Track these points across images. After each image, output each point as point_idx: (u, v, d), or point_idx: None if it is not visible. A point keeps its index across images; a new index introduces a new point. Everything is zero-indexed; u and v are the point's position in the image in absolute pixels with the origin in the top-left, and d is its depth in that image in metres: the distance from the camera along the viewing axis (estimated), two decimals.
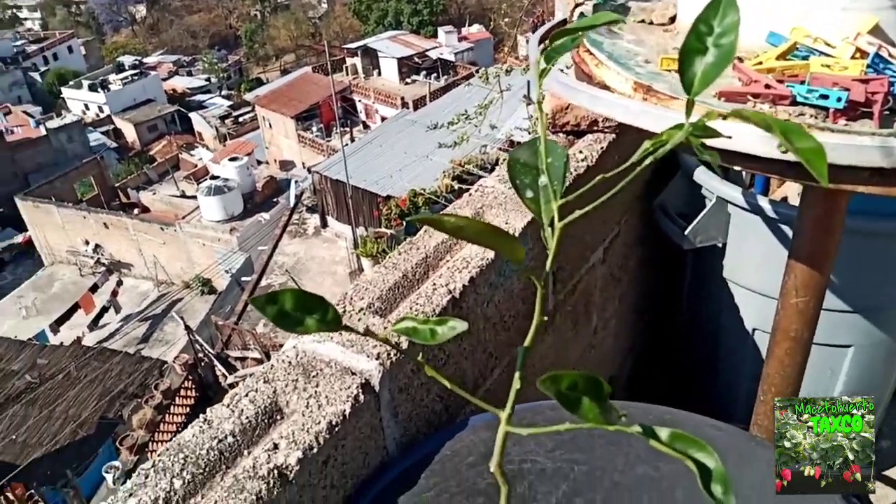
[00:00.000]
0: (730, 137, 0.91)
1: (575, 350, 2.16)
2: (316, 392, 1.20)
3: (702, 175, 2.21)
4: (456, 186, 11.54)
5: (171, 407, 13.95)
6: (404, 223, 13.96)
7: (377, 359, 1.26)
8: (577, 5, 1.39)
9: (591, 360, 2.34)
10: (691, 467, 0.49)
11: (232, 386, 14.72)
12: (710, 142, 0.59)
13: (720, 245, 2.24)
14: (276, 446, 1.12)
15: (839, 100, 0.96)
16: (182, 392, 14.39)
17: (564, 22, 1.57)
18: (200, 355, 15.57)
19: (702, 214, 2.17)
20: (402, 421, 1.35)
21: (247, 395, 1.20)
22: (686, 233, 2.20)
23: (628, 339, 2.66)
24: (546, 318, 1.91)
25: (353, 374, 1.24)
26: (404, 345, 1.27)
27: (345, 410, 1.17)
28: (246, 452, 1.12)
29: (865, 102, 0.95)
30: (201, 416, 1.17)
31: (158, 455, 1.09)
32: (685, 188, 2.32)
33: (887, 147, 0.87)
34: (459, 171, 11.85)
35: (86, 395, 15.63)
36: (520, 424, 1.36)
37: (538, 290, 0.64)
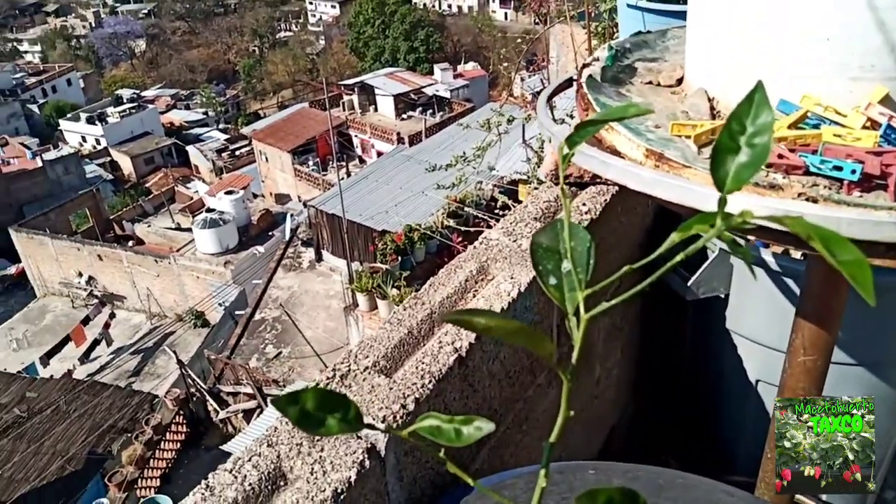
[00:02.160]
0: (758, 228, 0.91)
1: (578, 401, 2.13)
2: (321, 457, 1.17)
3: None
4: (451, 223, 11.57)
5: (162, 442, 13.73)
6: (399, 259, 13.96)
7: (383, 421, 1.23)
8: (584, 66, 1.40)
9: (594, 410, 2.32)
10: None
11: (224, 422, 14.53)
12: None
13: (723, 296, 2.23)
14: None
15: (853, 172, 0.96)
16: (173, 427, 14.18)
17: (571, 80, 1.58)
18: (192, 390, 15.39)
19: (705, 266, 2.17)
20: (407, 484, 1.32)
21: (250, 460, 1.17)
22: (689, 284, 2.19)
23: (630, 389, 2.63)
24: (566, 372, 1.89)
25: (359, 437, 1.21)
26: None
27: (350, 477, 1.14)
28: None
29: (880, 175, 0.95)
30: (203, 482, 1.14)
31: None
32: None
33: None
34: (454, 207, 11.89)
35: (75, 429, 15.36)
36: (528, 487, 1.32)
37: (564, 385, 0.63)
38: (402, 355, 1.42)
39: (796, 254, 2.26)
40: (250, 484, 1.13)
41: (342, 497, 1.12)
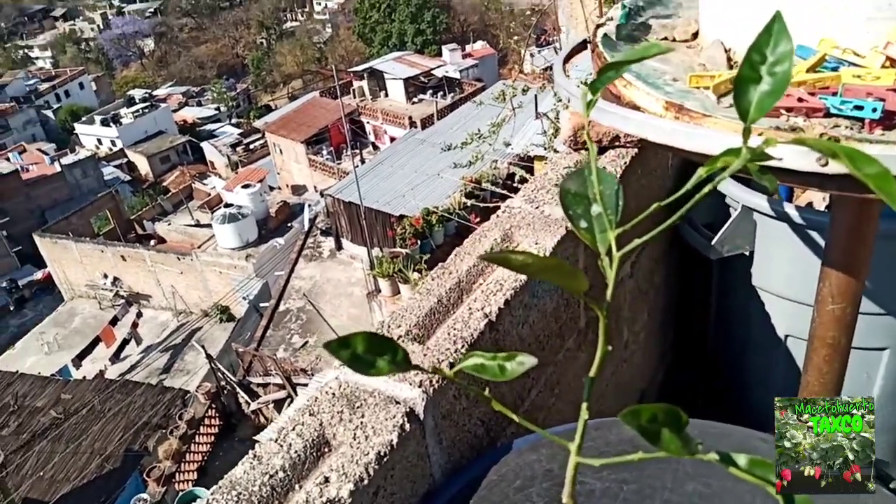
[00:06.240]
0: (780, 160, 0.92)
1: (608, 366, 2.16)
2: (362, 423, 1.21)
3: (726, 184, 2.21)
4: (468, 203, 11.56)
5: (196, 436, 13.97)
6: (419, 242, 13.99)
7: (420, 386, 1.26)
8: (598, 26, 1.40)
9: (623, 375, 2.34)
10: (773, 495, 0.49)
11: (255, 413, 14.74)
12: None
13: (747, 253, 2.23)
14: (326, 480, 1.12)
15: (874, 110, 0.96)
16: (206, 421, 14.41)
17: (585, 43, 1.59)
18: (223, 383, 15.61)
19: (728, 224, 2.17)
20: (447, 447, 1.35)
21: (294, 429, 1.21)
22: (713, 243, 2.20)
23: (658, 352, 2.65)
24: (579, 335, 1.91)
25: (398, 402, 1.24)
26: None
27: (392, 440, 1.18)
28: (297, 487, 1.13)
29: None
30: (251, 451, 1.18)
31: (212, 494, 1.09)
32: (708, 198, 2.32)
33: None
34: (471, 187, 11.88)
35: (111, 428, 15.69)
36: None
37: (601, 320, 0.65)
38: (434, 323, 1.45)
39: (819, 206, 2.26)
40: (296, 451, 1.17)
41: (385, 459, 1.16)
